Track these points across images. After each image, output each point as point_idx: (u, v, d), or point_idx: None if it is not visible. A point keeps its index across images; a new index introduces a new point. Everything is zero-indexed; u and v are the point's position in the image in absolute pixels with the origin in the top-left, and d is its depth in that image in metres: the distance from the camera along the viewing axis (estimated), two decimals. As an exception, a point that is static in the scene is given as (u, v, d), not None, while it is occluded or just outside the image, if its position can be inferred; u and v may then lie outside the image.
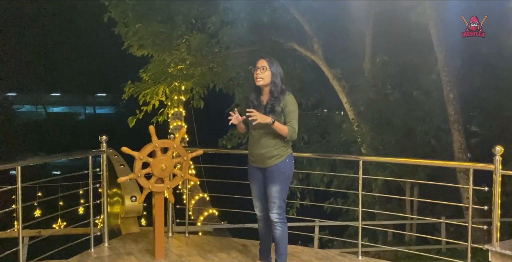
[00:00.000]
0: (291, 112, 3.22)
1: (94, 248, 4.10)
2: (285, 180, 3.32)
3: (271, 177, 3.30)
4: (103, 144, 4.23)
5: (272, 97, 3.24)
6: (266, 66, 3.24)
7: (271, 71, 3.24)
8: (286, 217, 3.38)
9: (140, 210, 4.88)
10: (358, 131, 8.65)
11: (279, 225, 3.31)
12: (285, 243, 3.37)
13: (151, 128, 3.63)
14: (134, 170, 3.66)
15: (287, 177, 3.34)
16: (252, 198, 3.52)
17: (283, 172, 3.29)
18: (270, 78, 3.24)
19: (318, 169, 9.17)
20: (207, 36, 9.08)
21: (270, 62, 3.26)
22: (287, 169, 3.32)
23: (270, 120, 3.13)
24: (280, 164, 3.28)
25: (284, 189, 3.31)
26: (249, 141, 3.44)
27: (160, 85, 9.04)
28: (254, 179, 3.46)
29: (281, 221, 3.31)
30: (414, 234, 6.89)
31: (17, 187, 3.29)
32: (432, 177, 8.21)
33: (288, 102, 3.23)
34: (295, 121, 3.21)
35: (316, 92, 10.99)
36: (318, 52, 9.69)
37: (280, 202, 3.29)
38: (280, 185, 3.28)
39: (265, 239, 3.54)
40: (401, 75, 9.35)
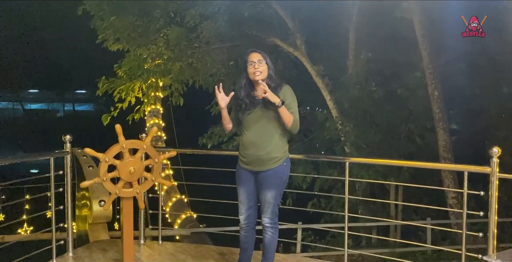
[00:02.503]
0: (291, 103, 3.01)
1: (57, 258, 3.74)
2: (282, 185, 3.12)
3: (267, 182, 3.06)
4: (67, 144, 3.86)
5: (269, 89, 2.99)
6: (262, 59, 3.04)
7: (267, 64, 3.05)
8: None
9: (109, 216, 4.52)
10: (341, 129, 8.42)
11: (270, 230, 3.12)
12: (274, 249, 3.20)
13: (117, 127, 3.28)
14: (99, 173, 3.31)
15: (283, 181, 3.13)
16: (238, 203, 3.22)
17: (280, 176, 3.07)
18: (267, 72, 3.05)
19: (301, 168, 8.91)
20: (186, 30, 8.71)
21: (264, 55, 3.08)
22: (285, 174, 3.10)
23: (279, 101, 2.90)
24: (277, 168, 3.04)
25: (280, 194, 3.11)
26: (242, 140, 3.14)
27: (136, 81, 8.64)
28: (243, 182, 3.16)
29: (273, 226, 3.12)
30: (399, 240, 6.66)
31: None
32: (417, 175, 8.04)
33: (287, 94, 3.01)
34: (296, 114, 3.00)
35: (299, 89, 10.71)
36: (301, 48, 9.43)
37: (274, 207, 3.10)
38: (277, 190, 3.07)
39: (246, 248, 3.26)
40: (385, 73, 9.17)
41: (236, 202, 3.26)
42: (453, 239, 7.57)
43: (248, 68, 3.07)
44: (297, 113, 3.01)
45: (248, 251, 3.26)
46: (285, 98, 2.98)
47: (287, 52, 9.90)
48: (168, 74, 8.60)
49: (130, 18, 8.55)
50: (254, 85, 3.11)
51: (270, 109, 2.98)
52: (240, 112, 3.10)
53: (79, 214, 5.23)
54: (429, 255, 7.27)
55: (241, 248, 3.28)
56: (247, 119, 3.06)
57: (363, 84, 8.56)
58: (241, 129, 3.15)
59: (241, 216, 3.20)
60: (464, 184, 3.16)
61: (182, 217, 7.28)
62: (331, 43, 9.84)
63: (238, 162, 3.22)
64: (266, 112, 3.01)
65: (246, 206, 3.17)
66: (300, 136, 10.79)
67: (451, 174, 7.86)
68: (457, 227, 7.30)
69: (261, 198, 3.11)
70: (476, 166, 3.13)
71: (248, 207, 3.17)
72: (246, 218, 3.18)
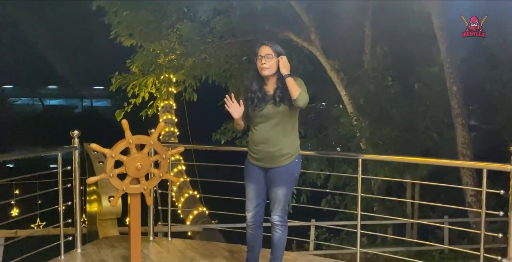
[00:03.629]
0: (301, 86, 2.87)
1: (65, 254, 3.72)
2: (293, 182, 3.06)
3: (278, 179, 2.98)
4: (75, 140, 3.84)
5: (280, 84, 2.92)
6: (270, 54, 2.91)
7: (276, 58, 2.91)
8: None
9: (119, 212, 4.49)
10: (357, 125, 8.25)
11: (280, 228, 3.05)
12: (283, 247, 3.12)
13: (124, 122, 3.22)
14: (105, 169, 3.26)
15: (295, 178, 3.06)
16: (245, 200, 3.14)
17: (291, 173, 3.00)
18: (276, 67, 2.91)
19: (315, 164, 8.78)
20: (198, 25, 8.63)
21: (274, 48, 2.93)
22: (296, 170, 3.03)
23: (238, 116, 2.93)
24: (289, 165, 2.96)
25: (290, 191, 3.05)
26: (252, 136, 3.05)
27: (149, 76, 8.60)
28: (253, 179, 3.08)
29: (282, 224, 3.05)
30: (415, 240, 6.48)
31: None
32: (435, 172, 7.83)
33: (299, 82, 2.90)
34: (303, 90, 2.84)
35: (313, 84, 10.57)
36: (316, 42, 9.26)
37: (285, 205, 3.03)
38: (287, 187, 3.00)
39: (254, 247, 3.19)
40: (401, 67, 8.95)
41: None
42: (472, 238, 7.36)
43: (257, 62, 2.98)
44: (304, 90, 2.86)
45: (256, 250, 3.19)
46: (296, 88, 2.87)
47: (301, 47, 9.74)
48: (180, 70, 8.54)
49: (143, 13, 8.51)
50: (264, 79, 3.00)
51: (281, 105, 2.91)
52: (251, 108, 3.00)
53: (90, 209, 5.23)
54: (447, 254, 7.07)
55: (248, 246, 3.20)
56: (258, 115, 2.97)
57: (379, 79, 8.36)
58: (251, 125, 3.06)
59: (248, 214, 3.11)
60: (483, 182, 3.01)
61: (194, 213, 7.25)
62: (346, 37, 9.65)
63: (247, 158, 3.14)
64: (278, 108, 2.92)
65: (254, 203, 3.09)
66: (315, 132, 10.65)
67: (470, 171, 7.63)
68: (475, 226, 7.10)
69: (271, 196, 3.04)
70: (495, 164, 2.98)
71: (256, 204, 3.08)
72: (253, 216, 3.10)
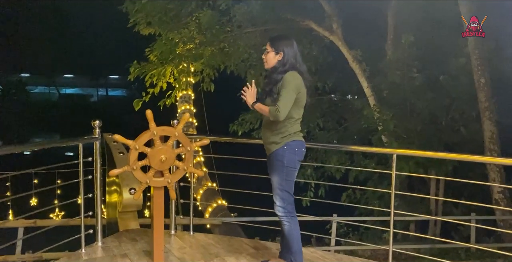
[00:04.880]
0: (282, 89, 2.93)
1: (86, 247, 3.62)
2: (282, 169, 3.02)
3: (269, 166, 3.09)
4: (96, 130, 3.72)
5: (270, 80, 3.04)
6: (268, 49, 3.08)
7: (274, 53, 3.05)
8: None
9: (139, 204, 4.38)
10: (379, 117, 8.01)
11: (285, 220, 3.06)
12: (296, 239, 3.08)
13: (148, 113, 3.08)
14: (129, 161, 3.14)
15: (284, 166, 3.02)
16: None
17: (280, 159, 3.02)
18: (274, 61, 3.05)
19: (335, 158, 8.59)
20: (218, 13, 8.43)
21: (273, 43, 3.07)
22: (285, 157, 3.02)
23: (252, 101, 3.04)
24: (276, 151, 3.04)
25: (283, 179, 3.02)
26: None
27: (168, 66, 8.46)
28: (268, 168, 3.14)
29: (286, 214, 3.04)
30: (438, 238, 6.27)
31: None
32: (460, 167, 7.58)
33: (283, 80, 2.96)
34: (281, 99, 2.90)
35: (333, 75, 10.34)
36: (337, 32, 9.01)
37: (282, 194, 3.03)
38: (278, 174, 3.03)
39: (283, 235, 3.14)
40: (426, 58, 8.65)
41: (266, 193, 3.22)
42: (499, 236, 7.13)
43: None
44: (283, 98, 2.89)
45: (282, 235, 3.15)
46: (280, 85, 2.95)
47: (322, 37, 9.50)
48: (199, 59, 8.38)
49: (161, 1, 8.34)
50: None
51: (267, 98, 3.04)
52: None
53: (109, 201, 5.14)
54: (473, 252, 6.84)
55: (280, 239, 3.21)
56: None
57: (403, 70, 8.09)
58: None
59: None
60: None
61: (213, 205, 7.14)
62: (369, 27, 9.37)
63: None
64: (265, 101, 3.05)
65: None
66: (334, 124, 10.45)
67: (498, 167, 7.37)
68: (503, 224, 6.86)
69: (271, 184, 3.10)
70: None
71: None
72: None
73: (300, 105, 3.04)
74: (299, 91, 2.98)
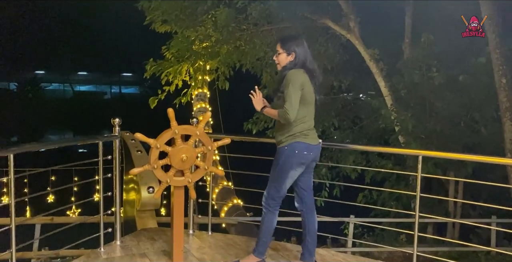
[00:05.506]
0: (285, 88, 2.96)
1: (105, 246, 3.61)
2: (278, 166, 3.09)
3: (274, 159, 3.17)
4: (115, 128, 3.69)
5: (278, 80, 3.10)
6: (279, 50, 3.10)
7: (285, 54, 3.07)
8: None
9: (158, 203, 4.36)
10: (397, 117, 7.89)
11: (263, 210, 3.19)
12: (264, 231, 3.17)
13: (170, 111, 3.05)
14: (149, 160, 3.10)
15: (279, 165, 3.09)
16: None
17: (277, 158, 3.12)
18: (285, 62, 3.07)
19: (351, 157, 8.49)
20: (234, 11, 8.38)
21: (283, 44, 3.08)
22: (281, 158, 3.08)
23: (260, 106, 3.11)
24: (278, 149, 3.13)
25: (276, 175, 3.10)
26: None
27: (184, 64, 8.44)
28: None
29: (265, 206, 3.16)
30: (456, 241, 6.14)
31: (10, 178, 2.76)
32: (480, 169, 7.43)
33: (285, 81, 2.99)
34: (287, 100, 2.94)
35: (349, 74, 10.22)
36: (354, 30, 8.90)
37: (269, 188, 3.14)
38: (273, 170, 3.13)
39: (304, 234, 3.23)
40: (445, 57, 8.50)
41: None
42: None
43: None
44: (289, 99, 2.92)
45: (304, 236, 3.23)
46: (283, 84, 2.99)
47: (338, 35, 9.39)
48: (216, 57, 8.34)
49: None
50: None
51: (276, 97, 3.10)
52: None
53: (126, 198, 5.13)
54: (493, 256, 6.70)
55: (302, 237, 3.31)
56: None
57: (422, 70, 7.95)
58: None
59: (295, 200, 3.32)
60: None
61: (228, 204, 7.11)
62: (387, 25, 9.23)
63: None
64: (275, 101, 3.12)
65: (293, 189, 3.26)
66: (349, 123, 10.34)
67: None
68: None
69: None
70: None
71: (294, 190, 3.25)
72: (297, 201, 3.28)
73: (305, 102, 3.02)
74: (302, 88, 2.97)
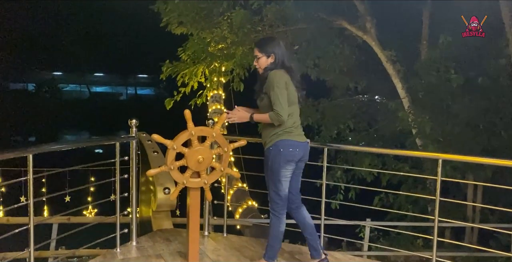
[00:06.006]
0: (269, 91, 3.00)
1: (121, 246, 3.62)
2: (269, 167, 3.10)
3: (264, 162, 3.18)
4: (132, 129, 3.71)
5: (260, 80, 3.13)
6: (258, 55, 3.14)
7: (265, 57, 3.12)
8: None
9: (173, 204, 4.38)
10: (414, 119, 7.77)
11: (271, 216, 3.20)
12: (273, 236, 3.18)
13: (186, 112, 3.05)
14: (166, 161, 3.11)
15: (269, 167, 3.11)
16: None
17: (266, 161, 3.15)
18: (266, 65, 3.12)
19: (367, 160, 8.39)
20: (250, 13, 8.38)
21: (261, 49, 3.13)
22: (269, 159, 3.10)
23: (248, 117, 3.12)
24: (265, 151, 3.16)
25: (271, 177, 3.10)
26: None
27: (199, 65, 8.46)
28: None
29: (271, 212, 3.18)
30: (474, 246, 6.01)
31: (29, 178, 2.79)
32: (499, 173, 7.27)
33: (268, 82, 3.03)
34: (275, 101, 2.98)
35: (365, 76, 10.12)
36: (371, 31, 8.80)
37: (270, 193, 3.16)
38: (266, 175, 3.16)
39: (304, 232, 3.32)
40: (463, 59, 8.36)
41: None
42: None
43: None
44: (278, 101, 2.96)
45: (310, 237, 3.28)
46: (266, 87, 3.02)
47: (354, 36, 9.31)
48: (231, 59, 8.34)
49: (194, 0, 8.35)
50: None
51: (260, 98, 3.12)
52: None
53: (142, 199, 5.16)
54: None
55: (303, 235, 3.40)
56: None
57: (440, 71, 7.83)
58: None
59: None
60: None
61: (243, 206, 7.09)
62: (404, 26, 9.12)
63: None
64: (259, 102, 3.15)
65: None
66: (364, 125, 10.23)
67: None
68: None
69: None
70: None
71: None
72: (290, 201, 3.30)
73: (289, 101, 3.04)
74: (286, 87, 3.01)
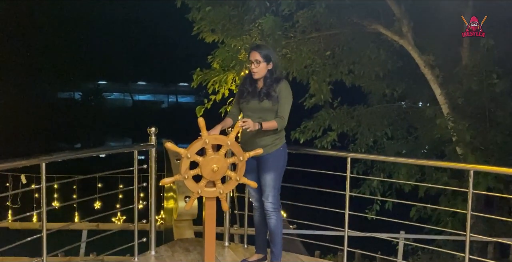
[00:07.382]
0: (283, 98, 3.25)
1: (139, 256, 3.59)
2: (280, 168, 3.36)
3: (266, 166, 3.31)
4: (151, 137, 3.69)
5: (266, 83, 3.26)
6: (259, 60, 3.22)
7: (265, 63, 3.23)
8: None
9: (195, 213, 4.32)
10: (454, 127, 7.38)
11: (274, 214, 3.35)
12: (280, 233, 3.41)
13: (200, 121, 2.99)
14: (180, 170, 3.05)
15: (281, 165, 3.37)
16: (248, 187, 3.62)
17: (278, 160, 3.34)
18: (265, 71, 3.25)
19: (405, 169, 8.04)
20: (281, 19, 8.28)
21: (263, 54, 3.23)
22: (282, 159, 3.37)
23: (258, 126, 3.16)
24: (275, 152, 3.31)
25: (278, 177, 3.35)
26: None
27: (229, 73, 8.45)
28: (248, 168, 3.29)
29: (275, 210, 3.35)
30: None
31: (42, 186, 2.80)
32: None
33: (282, 89, 3.26)
34: (285, 109, 3.26)
35: (403, 82, 9.76)
36: (408, 36, 8.47)
37: (274, 192, 3.33)
38: (275, 173, 3.31)
39: (260, 231, 3.57)
40: (508, 63, 7.88)
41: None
42: None
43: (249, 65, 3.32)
44: (286, 110, 3.26)
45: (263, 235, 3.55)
46: (280, 92, 3.24)
47: (390, 41, 9.00)
48: (262, 66, 8.26)
49: (225, 8, 8.36)
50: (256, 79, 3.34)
51: (264, 101, 3.25)
52: (241, 100, 3.40)
53: (167, 206, 5.14)
54: None
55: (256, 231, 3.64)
56: (246, 108, 3.37)
57: (481, 76, 7.41)
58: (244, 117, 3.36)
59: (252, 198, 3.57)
60: None
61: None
62: (442, 29, 8.73)
63: None
64: (261, 104, 3.27)
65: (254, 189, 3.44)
66: (403, 133, 9.85)
67: None
68: None
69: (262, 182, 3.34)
70: None
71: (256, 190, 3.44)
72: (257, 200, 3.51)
73: None
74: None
